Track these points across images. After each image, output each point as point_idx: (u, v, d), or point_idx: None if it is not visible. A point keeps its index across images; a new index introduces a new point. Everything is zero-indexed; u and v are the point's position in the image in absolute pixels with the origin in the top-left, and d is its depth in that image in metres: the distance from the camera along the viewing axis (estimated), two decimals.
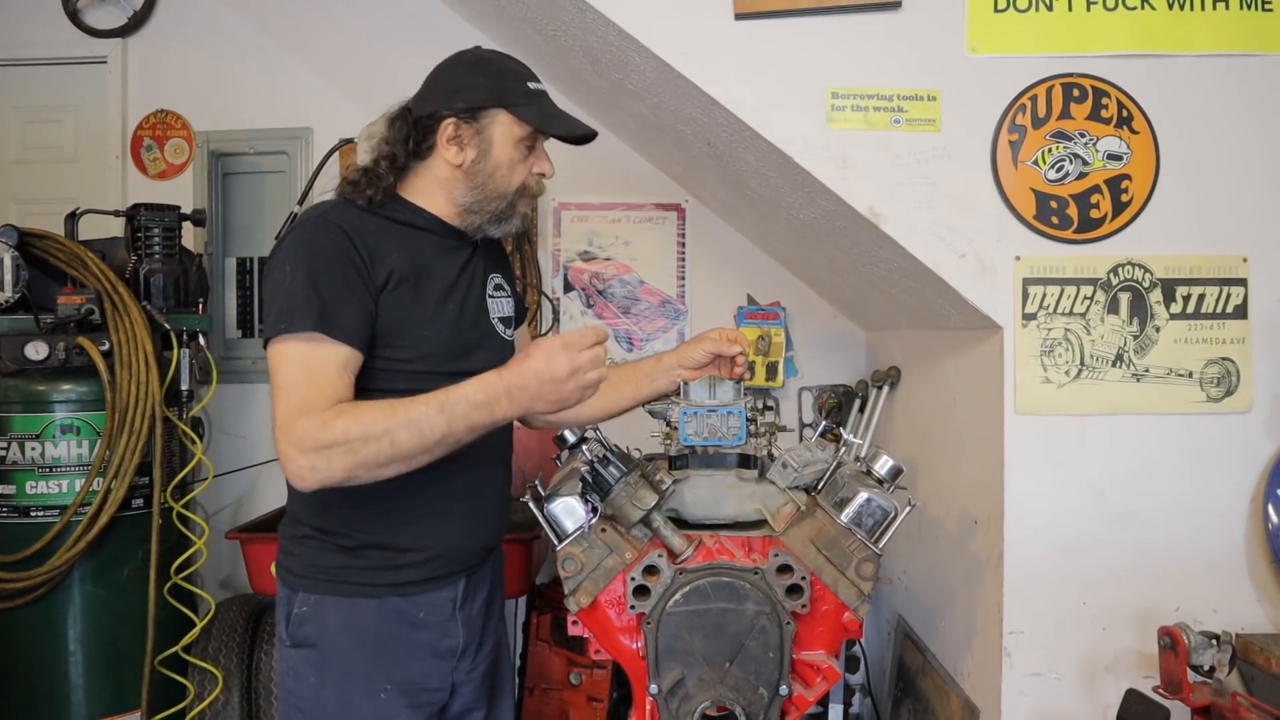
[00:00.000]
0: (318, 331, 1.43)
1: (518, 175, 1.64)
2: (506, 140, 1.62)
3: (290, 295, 1.46)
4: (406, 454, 1.40)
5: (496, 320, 1.75)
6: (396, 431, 1.37)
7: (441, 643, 1.65)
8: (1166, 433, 1.99)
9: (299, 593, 1.60)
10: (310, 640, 1.59)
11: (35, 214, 3.45)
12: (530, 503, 1.81)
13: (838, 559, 1.70)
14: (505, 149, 1.62)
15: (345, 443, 1.37)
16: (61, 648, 2.64)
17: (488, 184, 1.63)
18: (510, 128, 1.62)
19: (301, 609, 1.60)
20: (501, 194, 1.64)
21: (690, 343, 1.89)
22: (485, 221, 1.66)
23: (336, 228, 1.52)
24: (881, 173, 2.00)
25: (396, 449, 1.38)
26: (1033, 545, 2.00)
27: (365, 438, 1.37)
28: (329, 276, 1.47)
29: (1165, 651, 1.79)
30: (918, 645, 2.59)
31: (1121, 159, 1.98)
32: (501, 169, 1.63)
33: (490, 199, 1.64)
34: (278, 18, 3.52)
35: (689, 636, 1.68)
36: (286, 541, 1.66)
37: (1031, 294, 1.98)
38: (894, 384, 2.91)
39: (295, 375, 1.43)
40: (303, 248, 1.51)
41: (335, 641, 1.58)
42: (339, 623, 1.58)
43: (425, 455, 1.41)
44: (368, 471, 1.40)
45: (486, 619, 1.77)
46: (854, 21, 2.00)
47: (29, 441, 2.62)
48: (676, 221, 3.39)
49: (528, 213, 1.71)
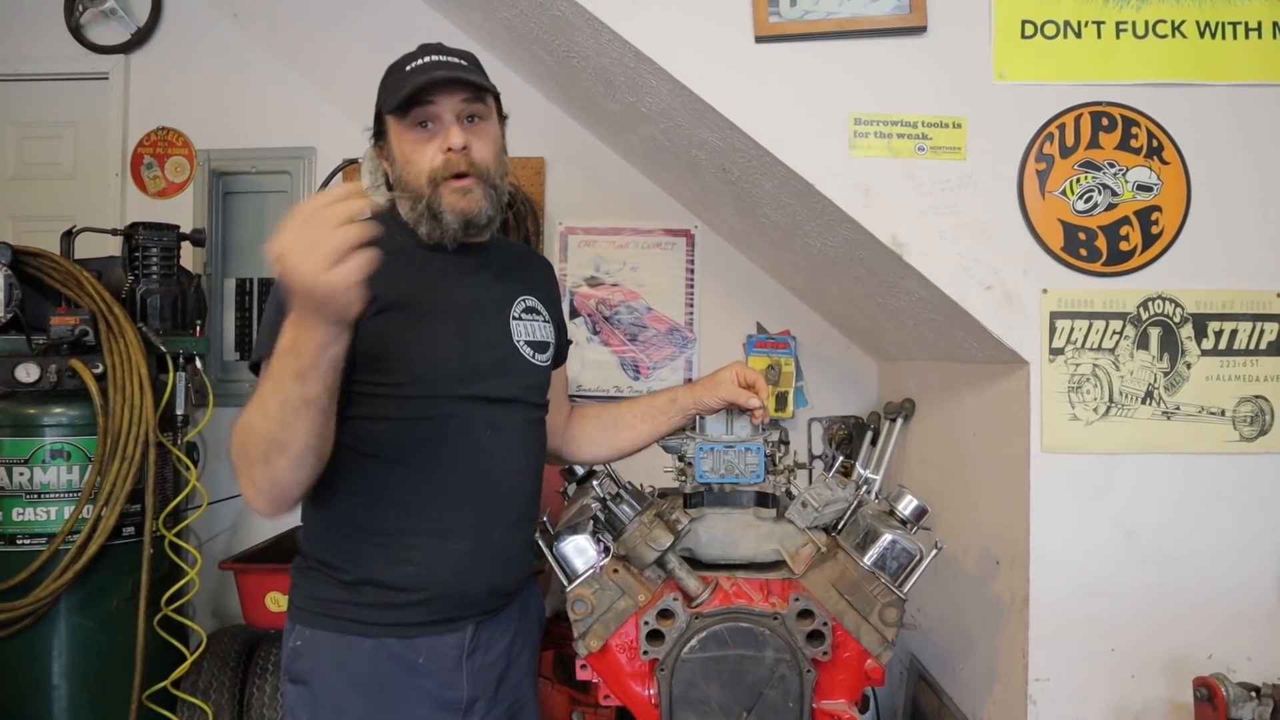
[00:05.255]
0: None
1: (418, 165, 1.52)
2: (398, 138, 1.53)
3: (264, 325, 1.47)
4: (268, 435, 1.27)
5: (523, 344, 1.63)
6: (250, 416, 1.28)
7: (444, 694, 1.54)
8: (1198, 473, 1.93)
9: (297, 625, 1.54)
10: (303, 676, 1.53)
11: (32, 232, 3.40)
12: (539, 540, 1.75)
13: (860, 604, 1.64)
14: (399, 147, 1.53)
15: (240, 452, 1.31)
16: (45, 682, 2.55)
17: (407, 187, 1.54)
18: (393, 125, 1.54)
19: (296, 643, 1.54)
20: (417, 190, 1.53)
21: (706, 387, 1.78)
22: (427, 227, 1.54)
23: None
24: (905, 201, 1.94)
25: (257, 434, 1.28)
26: (1059, 588, 1.93)
27: (241, 438, 1.30)
28: None
29: (1202, 704, 1.72)
30: (933, 687, 2.51)
31: (1152, 190, 1.92)
32: (405, 166, 1.53)
33: (415, 200, 1.53)
34: (284, 36, 3.48)
35: (705, 685, 1.61)
36: (294, 572, 1.60)
37: (1059, 328, 1.92)
38: (908, 416, 2.84)
39: None
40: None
41: (327, 680, 1.51)
42: (332, 661, 1.51)
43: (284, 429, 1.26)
44: (266, 470, 1.30)
45: (506, 674, 1.63)
46: (878, 46, 1.95)
47: (17, 467, 2.55)
48: (685, 247, 3.33)
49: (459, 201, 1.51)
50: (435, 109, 1.50)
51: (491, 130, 1.57)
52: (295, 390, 1.23)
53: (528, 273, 1.74)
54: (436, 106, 1.50)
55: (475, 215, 1.52)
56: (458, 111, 1.51)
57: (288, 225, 1.11)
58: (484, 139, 1.54)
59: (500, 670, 1.62)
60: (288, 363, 1.22)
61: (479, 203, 1.52)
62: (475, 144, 1.52)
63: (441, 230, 1.53)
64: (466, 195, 1.51)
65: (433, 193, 1.51)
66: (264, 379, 1.28)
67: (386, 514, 1.48)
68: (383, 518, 1.48)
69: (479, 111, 1.54)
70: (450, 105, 1.50)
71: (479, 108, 1.54)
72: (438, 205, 1.51)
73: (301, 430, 1.26)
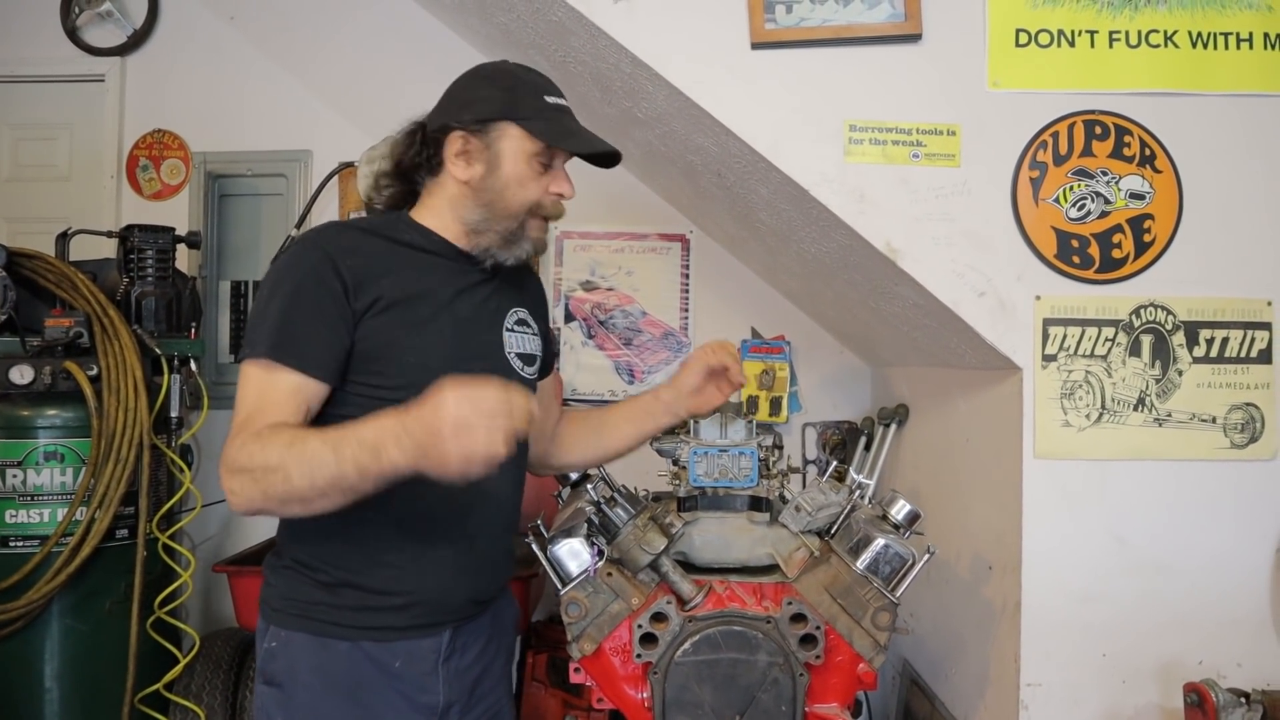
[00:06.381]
0: (270, 359, 1.39)
1: (529, 193, 1.53)
2: (517, 155, 1.52)
3: (258, 320, 1.44)
4: (301, 493, 1.27)
5: (514, 355, 1.63)
6: (290, 466, 1.26)
7: (420, 697, 1.51)
8: (1189, 479, 1.94)
9: (271, 626, 1.52)
10: (278, 678, 1.50)
11: (27, 233, 3.40)
12: (533, 544, 1.75)
13: (853, 608, 1.64)
14: (515, 164, 1.52)
15: (250, 470, 1.29)
16: (37, 685, 2.54)
17: (496, 201, 1.53)
18: (521, 142, 1.52)
19: (272, 644, 1.51)
20: (511, 213, 1.54)
21: (681, 372, 1.78)
22: (493, 244, 1.55)
23: (321, 251, 1.45)
24: (900, 208, 1.95)
25: (290, 486, 1.26)
26: (1051, 594, 1.94)
27: (266, 468, 1.28)
28: (298, 303, 1.42)
29: (1192, 709, 1.72)
30: (925, 692, 2.52)
31: (1144, 198, 1.94)
32: (511, 186, 1.53)
33: (498, 218, 1.54)
34: (280, 39, 3.48)
35: (698, 688, 1.61)
36: (268, 570, 1.57)
37: (1052, 335, 1.93)
38: (902, 422, 2.84)
39: (244, 397, 1.38)
40: (283, 272, 1.47)
41: (304, 682, 1.49)
42: (309, 663, 1.48)
43: (323, 499, 1.27)
44: (275, 505, 1.30)
45: (480, 679, 1.61)
46: (873, 54, 1.96)
47: (10, 469, 2.54)
48: (680, 252, 3.34)
49: (542, 237, 1.59)
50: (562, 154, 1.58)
51: None
52: (352, 481, 1.24)
53: (521, 284, 1.74)
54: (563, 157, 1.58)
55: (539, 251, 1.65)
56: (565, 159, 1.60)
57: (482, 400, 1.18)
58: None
59: (475, 675, 1.60)
60: (361, 458, 1.23)
61: (545, 244, 1.65)
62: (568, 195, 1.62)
63: (510, 252, 1.57)
64: (544, 234, 1.60)
65: (524, 221, 1.55)
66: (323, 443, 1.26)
67: (371, 519, 1.45)
68: (367, 521, 1.45)
69: None
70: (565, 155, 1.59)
71: None
72: (521, 234, 1.56)
73: (331, 503, 1.29)
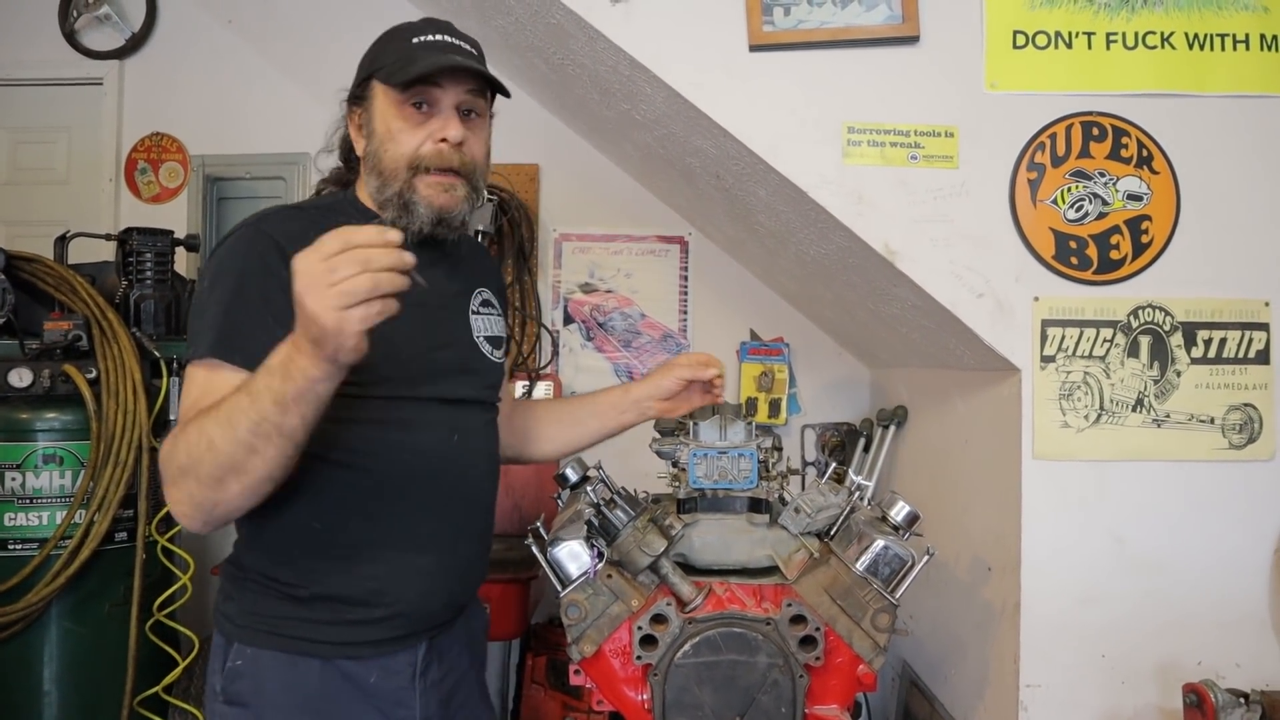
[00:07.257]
0: (213, 357, 1.27)
1: (401, 146, 1.40)
2: (385, 110, 1.41)
3: (198, 317, 1.32)
4: (231, 458, 1.14)
5: (483, 339, 1.55)
6: (210, 431, 1.14)
7: (396, 712, 1.43)
8: (1187, 480, 1.94)
9: (234, 644, 1.41)
10: (243, 699, 1.39)
11: (25, 236, 3.40)
12: (532, 546, 1.75)
13: (853, 609, 1.64)
14: (384, 120, 1.40)
15: (180, 464, 1.17)
16: (35, 688, 2.53)
17: (378, 166, 1.41)
18: (384, 95, 1.41)
19: (237, 663, 1.40)
20: (390, 172, 1.40)
21: (660, 371, 1.74)
22: (395, 215, 1.41)
23: (266, 238, 1.34)
24: (898, 209, 1.96)
25: (216, 454, 1.14)
26: (1050, 595, 1.94)
27: (192, 450, 1.15)
28: (241, 296, 1.30)
29: (1191, 710, 1.72)
30: (925, 693, 2.52)
31: (1142, 199, 1.94)
32: (385, 144, 1.40)
33: (386, 183, 1.41)
34: (278, 42, 3.49)
35: (698, 690, 1.61)
36: (227, 582, 1.46)
37: (1050, 335, 1.93)
38: (900, 423, 2.85)
39: (186, 402, 1.27)
40: (224, 263, 1.35)
41: (273, 702, 1.38)
42: (279, 682, 1.38)
43: (253, 455, 1.14)
44: (212, 491, 1.17)
45: (455, 691, 1.53)
46: (871, 55, 1.96)
47: (9, 471, 2.53)
48: (679, 254, 3.35)
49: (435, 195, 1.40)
50: (438, 93, 1.40)
51: (486, 129, 1.50)
52: (273, 417, 1.11)
53: (479, 263, 1.65)
54: (440, 90, 1.40)
55: (452, 214, 1.43)
56: (459, 102, 1.42)
57: (324, 247, 1.04)
58: (479, 137, 1.47)
59: (450, 686, 1.52)
60: (272, 384, 1.11)
61: (459, 202, 1.43)
62: (470, 140, 1.44)
63: (409, 222, 1.41)
64: (448, 192, 1.41)
65: (408, 181, 1.41)
66: (235, 393, 1.15)
67: (348, 525, 1.38)
68: (343, 529, 1.37)
69: (478, 107, 1.46)
70: (454, 94, 1.41)
71: (479, 103, 1.46)
72: (410, 196, 1.41)
73: (267, 459, 1.15)
